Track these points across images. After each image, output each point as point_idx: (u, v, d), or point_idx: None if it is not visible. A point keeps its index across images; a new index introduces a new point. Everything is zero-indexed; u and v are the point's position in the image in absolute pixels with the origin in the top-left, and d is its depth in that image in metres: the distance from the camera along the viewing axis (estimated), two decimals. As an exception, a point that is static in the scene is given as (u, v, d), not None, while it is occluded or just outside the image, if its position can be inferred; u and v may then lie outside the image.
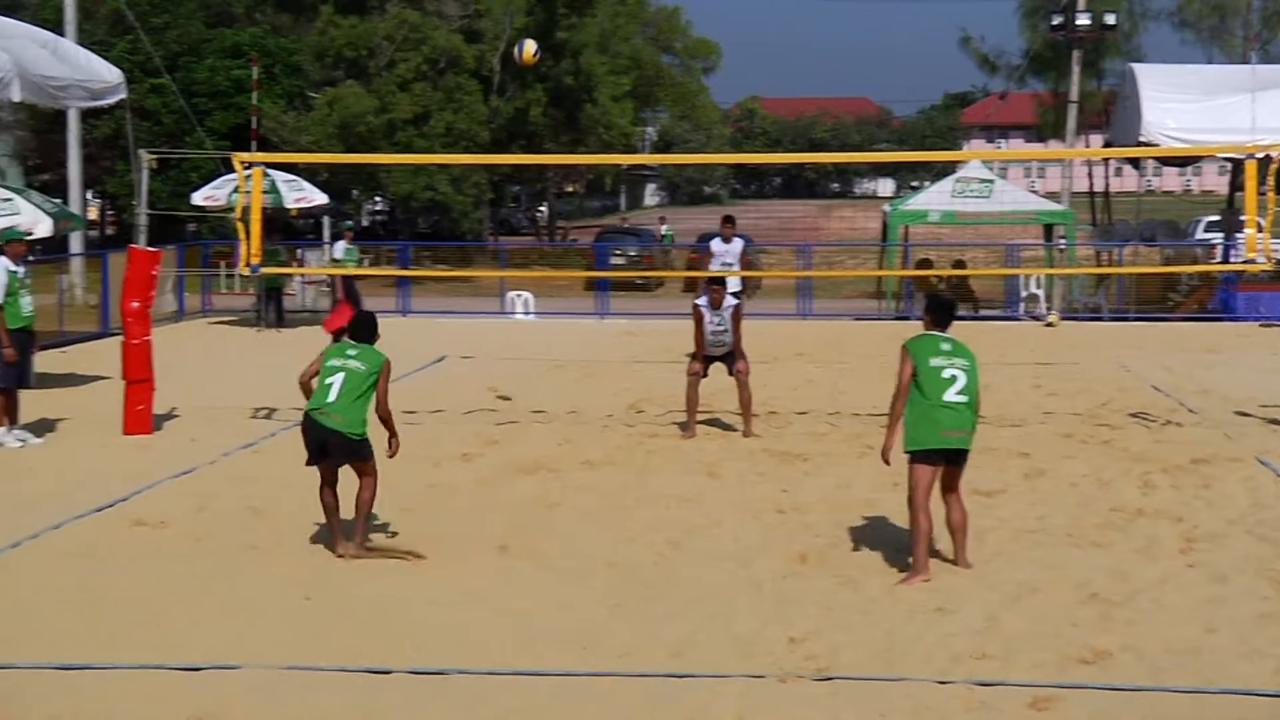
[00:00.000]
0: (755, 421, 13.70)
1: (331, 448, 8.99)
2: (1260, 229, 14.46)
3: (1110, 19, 33.85)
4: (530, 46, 16.53)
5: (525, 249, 48.47)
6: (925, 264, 30.35)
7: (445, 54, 43.55)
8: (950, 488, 8.87)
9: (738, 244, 18.35)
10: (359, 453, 9.07)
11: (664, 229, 48.85)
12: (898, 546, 9.29)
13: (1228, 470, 11.72)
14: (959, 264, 30.15)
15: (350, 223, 23.10)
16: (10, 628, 7.54)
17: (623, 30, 57.88)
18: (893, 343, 21.06)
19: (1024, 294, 28.14)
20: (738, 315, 13.78)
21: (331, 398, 8.93)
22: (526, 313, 27.65)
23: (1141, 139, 25.77)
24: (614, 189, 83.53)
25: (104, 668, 6.92)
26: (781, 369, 18.43)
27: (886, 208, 31.70)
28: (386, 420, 9.25)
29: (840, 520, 10.03)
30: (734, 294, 15.70)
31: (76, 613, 7.81)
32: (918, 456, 8.65)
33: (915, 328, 22.45)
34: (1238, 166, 25.54)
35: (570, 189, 72.18)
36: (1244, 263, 16.15)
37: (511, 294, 28.10)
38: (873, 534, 9.68)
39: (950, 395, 8.61)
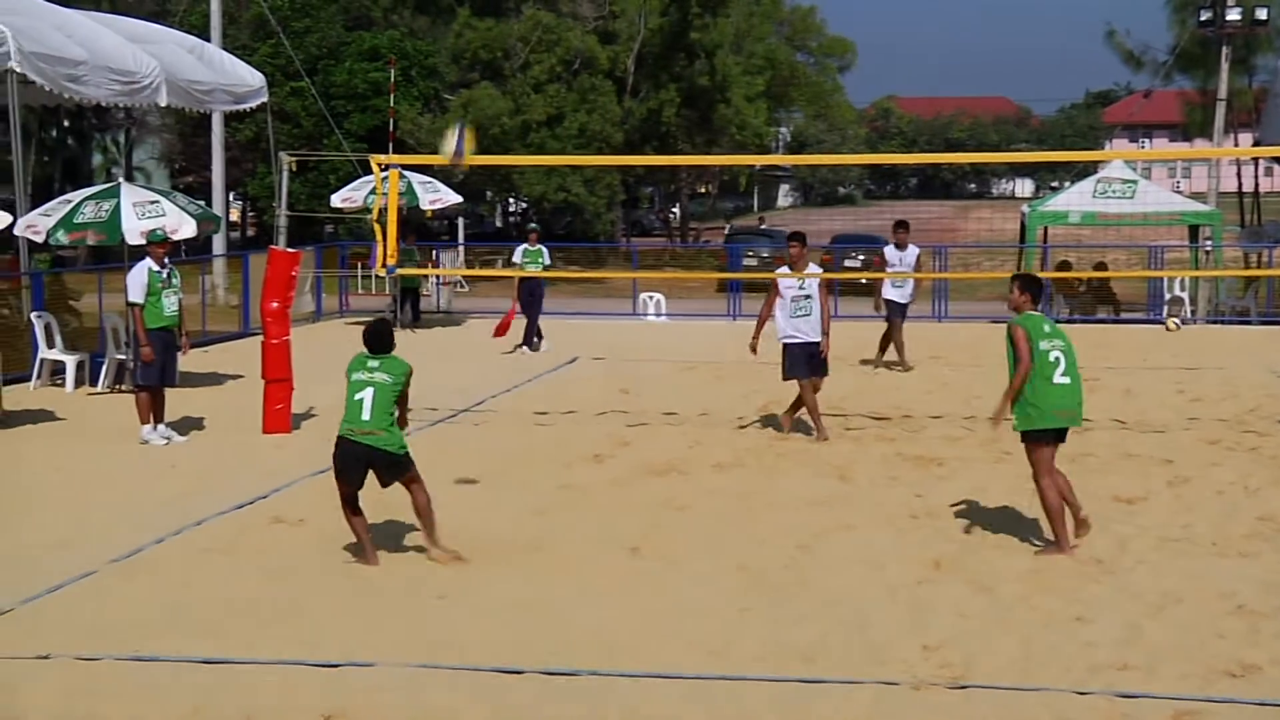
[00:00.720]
0: (888, 425, 13.60)
1: (377, 467, 8.89)
2: None
3: (1262, 14, 32.97)
4: (466, 147, 13.76)
5: (657, 250, 48.59)
6: (1065, 266, 29.81)
7: (579, 55, 43.82)
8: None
9: (913, 252, 17.89)
10: (404, 467, 8.98)
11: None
12: (1035, 553, 9.14)
13: (1384, 480, 11.33)
14: (1100, 266, 29.55)
15: (535, 224, 22.96)
16: (154, 621, 7.76)
17: (757, 30, 57.75)
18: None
19: (1168, 296, 27.48)
20: (824, 291, 13.40)
21: (366, 415, 8.80)
22: (658, 314, 27.69)
23: (1294, 137, 25.03)
24: (747, 190, 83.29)
25: (243, 662, 7.08)
26: (917, 372, 18.24)
27: (1025, 208, 31.16)
28: (402, 423, 9.10)
29: (975, 526, 9.90)
30: (904, 303, 15.72)
31: (217, 608, 8.01)
32: (1036, 436, 9.16)
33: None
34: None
35: (703, 190, 72.16)
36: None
37: (643, 295, 28.17)
38: (1009, 540, 9.53)
39: (1058, 377, 9.11)
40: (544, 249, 21.83)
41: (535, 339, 21.14)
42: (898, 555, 9.18)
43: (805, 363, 13.38)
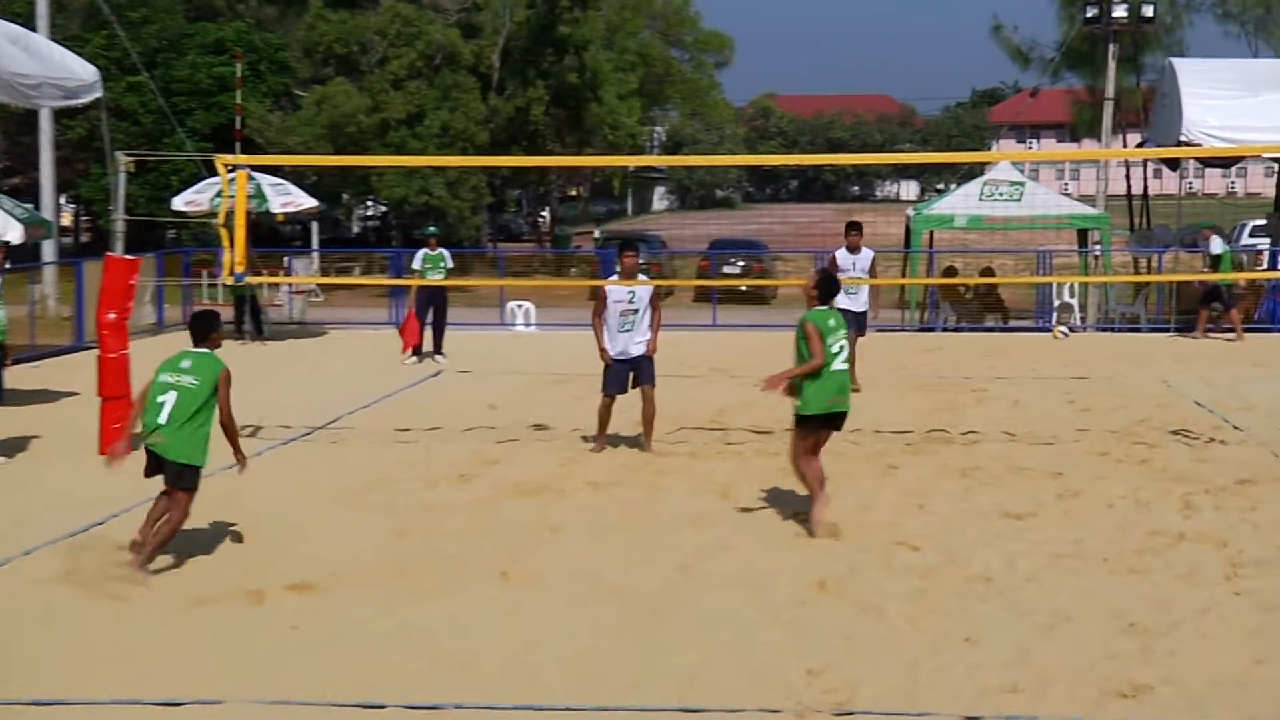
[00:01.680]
0: (771, 439, 13.74)
1: (166, 474, 9.09)
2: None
3: (1149, 11, 33.87)
4: None
5: (526, 256, 48.56)
6: (951, 272, 30.39)
7: (441, 49, 43.68)
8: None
9: (867, 255, 17.56)
10: (185, 480, 9.09)
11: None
12: (923, 572, 9.30)
13: (1276, 491, 11.71)
14: (987, 271, 30.19)
15: (434, 229, 22.79)
16: (-21, 659, 7.54)
17: (629, 24, 58.07)
18: (917, 356, 21.02)
19: (1057, 303, 28.12)
20: (656, 301, 13.56)
21: (161, 419, 8.97)
22: (527, 324, 27.67)
23: (1182, 138, 25.77)
24: (621, 193, 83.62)
25: (81, 703, 6.92)
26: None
27: (910, 212, 31.72)
28: (229, 432, 9.28)
29: (861, 545, 10.03)
30: (859, 312, 15.83)
31: (51, 644, 7.82)
32: (811, 422, 10.34)
33: (942, 340, 22.21)
34: (1285, 167, 25.52)
35: (574, 193, 72.29)
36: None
37: (511, 304, 28.13)
38: (896, 559, 9.68)
39: (837, 364, 10.32)
40: (445, 254, 21.91)
41: (439, 352, 21.26)
42: (781, 576, 9.26)
43: (618, 380, 13.59)
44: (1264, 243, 31.72)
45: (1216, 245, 24.10)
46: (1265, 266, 29.40)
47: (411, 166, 41.27)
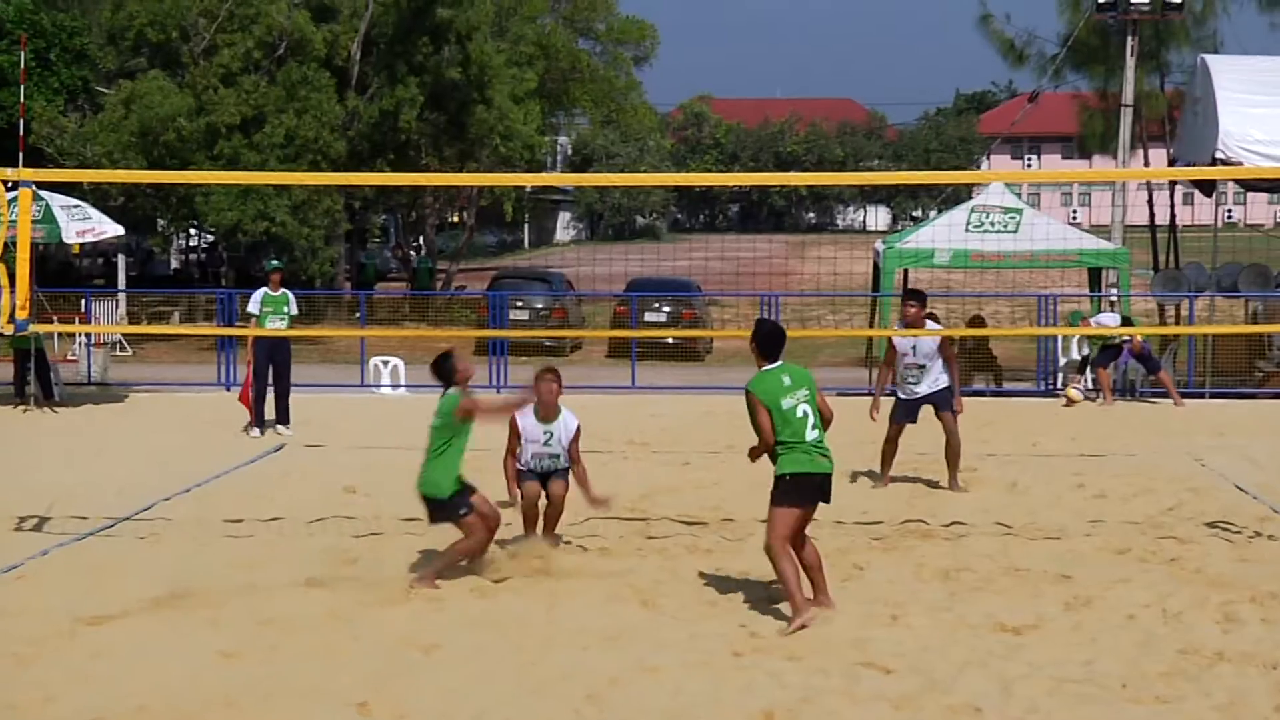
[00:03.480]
0: (703, 531, 13.78)
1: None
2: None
3: (1176, -4, 34.55)
4: None
5: (394, 300, 48.45)
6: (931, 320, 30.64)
7: (285, 36, 43.61)
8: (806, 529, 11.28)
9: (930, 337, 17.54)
10: (433, 514, 12.35)
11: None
12: (896, 701, 9.33)
13: (1336, 599, 11.88)
14: (976, 321, 30.48)
15: (277, 262, 22.49)
16: None
17: (525, 7, 58.30)
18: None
19: (1063, 360, 28.45)
20: (576, 440, 13.77)
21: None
22: (396, 385, 27.58)
23: (1218, 155, 26.22)
24: (515, 219, 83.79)
25: None
26: (739, 461, 18.45)
27: (879, 245, 32.05)
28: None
29: (819, 665, 10.05)
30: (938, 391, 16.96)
31: None
32: (788, 499, 10.99)
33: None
34: (1345, 193, 26.08)
35: (456, 219, 72.26)
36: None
37: (375, 360, 28.04)
38: (862, 684, 9.70)
39: (810, 433, 11.04)
40: (290, 295, 21.65)
41: (281, 421, 21.16)
42: (717, 706, 9.26)
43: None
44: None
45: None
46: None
47: (247, 184, 41.06)
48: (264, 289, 21.52)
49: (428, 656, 10.33)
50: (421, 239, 64.85)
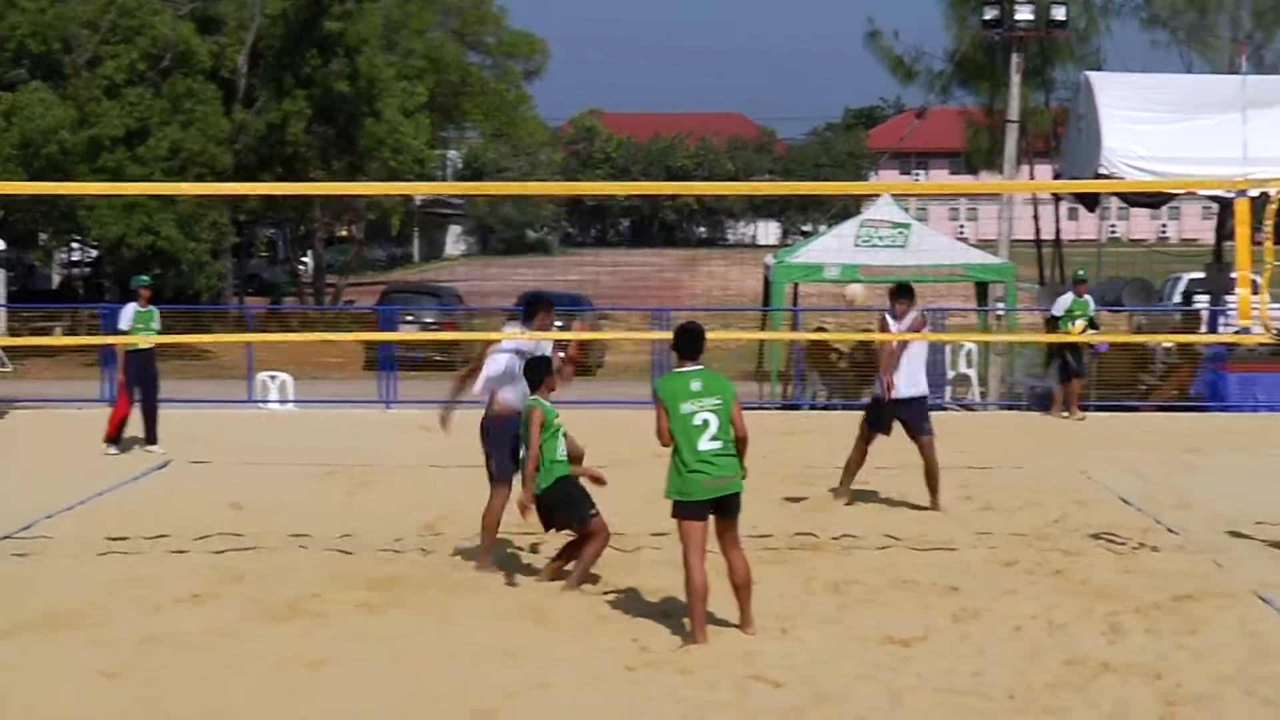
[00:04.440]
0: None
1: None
2: (1255, 289, 14.97)
3: (1060, 14, 34.94)
4: None
5: (283, 314, 48.12)
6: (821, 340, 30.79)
7: (170, 48, 43.23)
8: (731, 541, 11.18)
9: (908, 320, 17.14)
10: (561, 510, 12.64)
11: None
12: (784, 714, 9.36)
13: (1219, 610, 12.03)
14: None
15: (146, 278, 22.05)
16: None
17: (415, 20, 58.12)
18: (778, 441, 21.34)
19: (951, 374, 28.66)
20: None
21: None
22: (283, 400, 27.39)
23: (1101, 170, 26.55)
24: (404, 233, 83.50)
25: None
26: (633, 475, 18.46)
27: (769, 260, 32.18)
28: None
29: (710, 679, 10.06)
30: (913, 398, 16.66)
31: None
32: (685, 510, 10.94)
33: (809, 420, 22.60)
34: (1226, 207, 26.51)
35: (345, 233, 71.90)
36: (1235, 334, 16.71)
37: (263, 375, 27.82)
38: (753, 698, 9.73)
39: (705, 443, 10.84)
40: (156, 311, 21.33)
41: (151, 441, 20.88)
42: (608, 722, 9.26)
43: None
44: (1202, 300, 32.71)
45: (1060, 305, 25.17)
46: (1203, 330, 30.34)
47: (132, 197, 40.61)
48: (133, 305, 21.13)
49: (315, 673, 10.26)
50: (309, 253, 64.43)
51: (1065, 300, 25.15)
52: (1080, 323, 25.03)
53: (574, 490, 12.57)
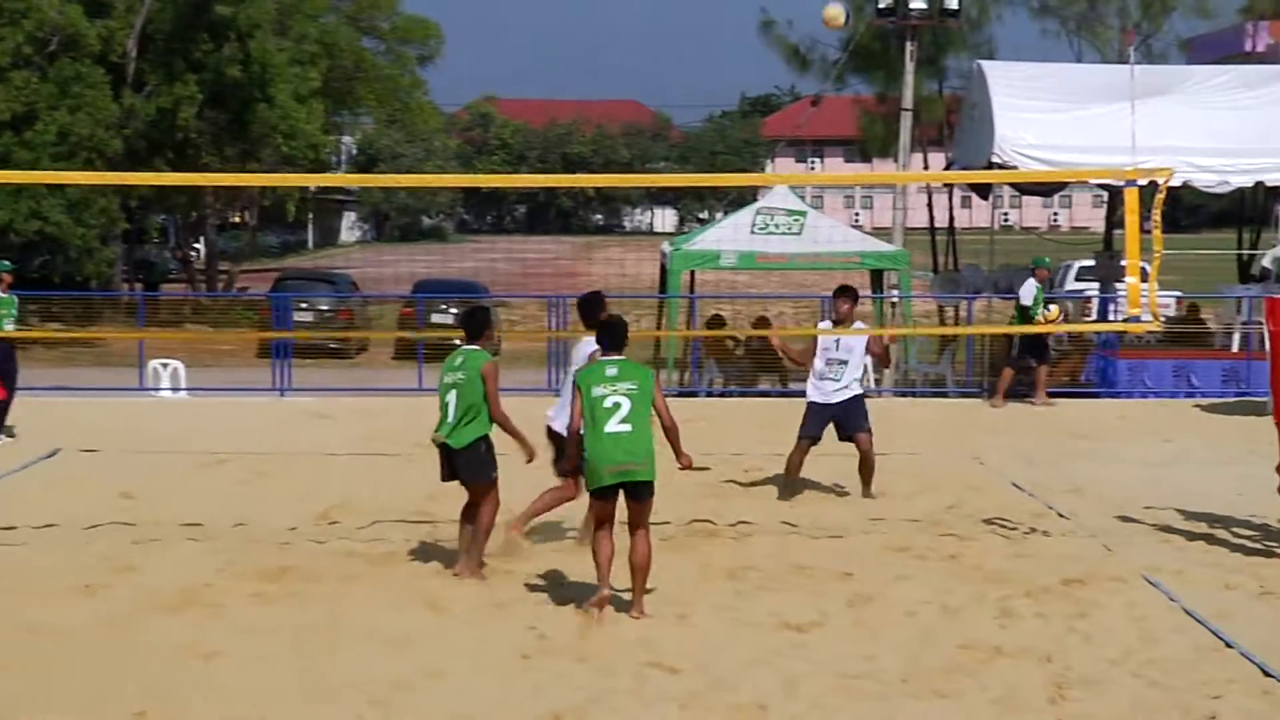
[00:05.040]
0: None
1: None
2: (1145, 277, 15.16)
3: (953, 2, 35.16)
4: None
5: (174, 301, 47.68)
6: (717, 322, 30.90)
7: (57, 31, 42.70)
8: (634, 524, 11.27)
9: (857, 339, 16.80)
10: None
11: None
12: (683, 700, 9.39)
13: (1108, 593, 12.19)
14: (762, 322, 30.78)
15: (8, 264, 21.50)
16: None
17: (307, 4, 57.70)
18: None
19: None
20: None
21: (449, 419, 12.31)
22: (176, 388, 27.15)
23: (994, 159, 26.77)
24: (299, 220, 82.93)
25: None
26: (531, 464, 18.49)
27: (666, 247, 32.20)
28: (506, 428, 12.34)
29: (606, 666, 10.08)
30: (844, 402, 16.57)
31: None
32: (595, 493, 11.24)
33: (706, 407, 22.77)
34: (1116, 195, 26.80)
35: (238, 219, 71.35)
36: (1125, 321, 16.89)
37: (155, 363, 27.56)
38: (650, 684, 9.75)
39: (613, 426, 10.96)
40: (15, 299, 20.92)
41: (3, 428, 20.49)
42: (505, 709, 9.26)
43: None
44: (1092, 288, 33.10)
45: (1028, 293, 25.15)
46: (1095, 317, 30.67)
47: (18, 183, 40.13)
48: None
49: (208, 664, 10.19)
50: (202, 239, 63.88)
51: (1030, 287, 25.16)
52: (1054, 309, 25.15)
53: (488, 452, 12.46)
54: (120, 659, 10.24)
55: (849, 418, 16.46)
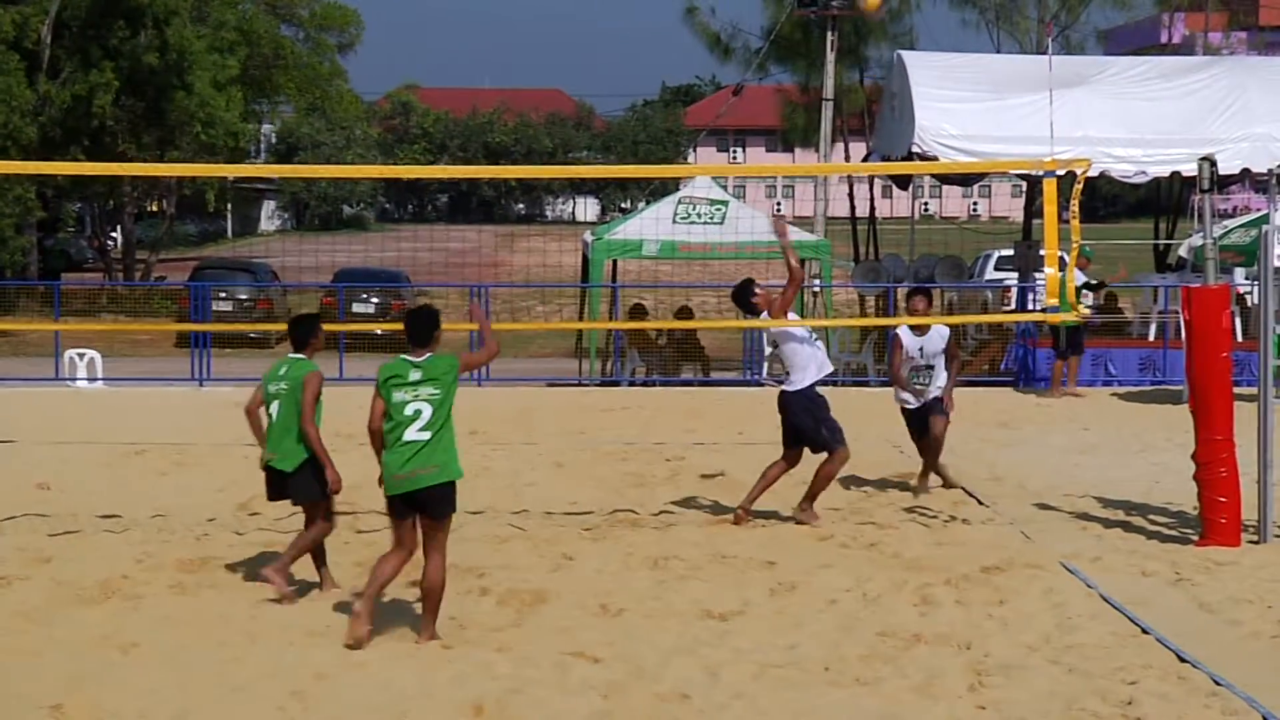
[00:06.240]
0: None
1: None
2: (1063, 266, 15.28)
3: (874, -8, 35.30)
4: None
5: (91, 290, 47.28)
6: (639, 312, 30.95)
7: (-29, 18, 42.26)
8: (426, 543, 10.44)
9: (938, 336, 16.17)
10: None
11: None
12: (605, 690, 9.40)
13: (1027, 580, 12.28)
14: (684, 312, 30.87)
15: None
16: None
17: (227, -10, 57.38)
18: (597, 418, 21.37)
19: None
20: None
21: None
22: (92, 378, 26.97)
23: (914, 149, 26.95)
24: (217, 208, 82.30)
25: None
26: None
27: (588, 236, 32.24)
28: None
29: (528, 656, 10.08)
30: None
31: None
32: (390, 504, 10.48)
33: (628, 396, 22.69)
34: (1035, 186, 27.01)
35: (155, 208, 70.70)
36: (1043, 311, 17.02)
37: (71, 353, 27.36)
38: (572, 674, 9.75)
39: (411, 434, 10.24)
40: None
41: None
42: (426, 699, 9.24)
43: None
44: (1011, 277, 33.36)
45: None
46: (1013, 306, 30.92)
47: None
48: None
49: (126, 656, 10.12)
50: (119, 228, 63.31)
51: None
52: (1084, 306, 25.07)
53: (319, 471, 11.70)
54: (38, 652, 10.16)
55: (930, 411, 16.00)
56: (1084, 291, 24.87)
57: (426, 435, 10.23)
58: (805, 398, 14.74)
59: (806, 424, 14.62)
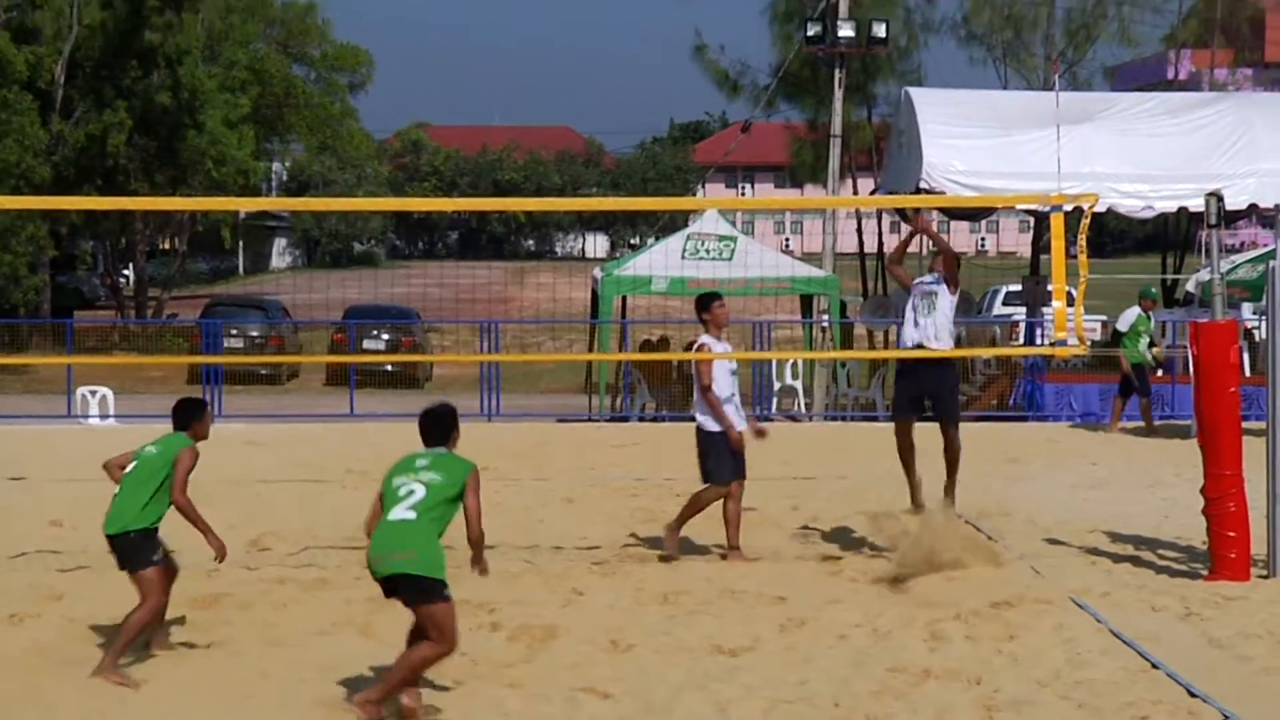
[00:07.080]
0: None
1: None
2: (1071, 302, 15.26)
3: (880, 30, 35.40)
4: None
5: (103, 328, 47.31)
6: (649, 347, 30.94)
7: (-15, 58, 42.42)
8: (417, 629, 9.53)
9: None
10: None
11: None
12: (615, 726, 9.38)
13: (1036, 616, 12.23)
14: (693, 346, 30.78)
15: None
16: None
17: (238, 32, 57.61)
18: (607, 453, 21.36)
19: (778, 386, 28.94)
20: None
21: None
22: (105, 415, 26.96)
23: (922, 185, 26.96)
24: (230, 246, 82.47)
25: None
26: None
27: (597, 272, 32.28)
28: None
29: (538, 691, 10.05)
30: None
31: None
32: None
33: (637, 431, 22.66)
34: (1042, 221, 27.02)
35: (167, 246, 70.89)
36: (1051, 345, 16.99)
37: (83, 390, 27.37)
38: (582, 710, 9.73)
39: (396, 512, 9.40)
40: None
41: None
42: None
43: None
44: (1019, 312, 33.35)
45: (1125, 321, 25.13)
46: (1021, 341, 30.89)
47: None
48: None
49: (139, 694, 10.10)
50: (131, 266, 63.42)
51: (1131, 315, 25.14)
52: (1145, 340, 25.00)
53: (142, 539, 11.29)
54: (51, 688, 10.14)
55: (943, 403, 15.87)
56: (1149, 340, 24.90)
57: (411, 515, 9.35)
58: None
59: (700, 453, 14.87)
